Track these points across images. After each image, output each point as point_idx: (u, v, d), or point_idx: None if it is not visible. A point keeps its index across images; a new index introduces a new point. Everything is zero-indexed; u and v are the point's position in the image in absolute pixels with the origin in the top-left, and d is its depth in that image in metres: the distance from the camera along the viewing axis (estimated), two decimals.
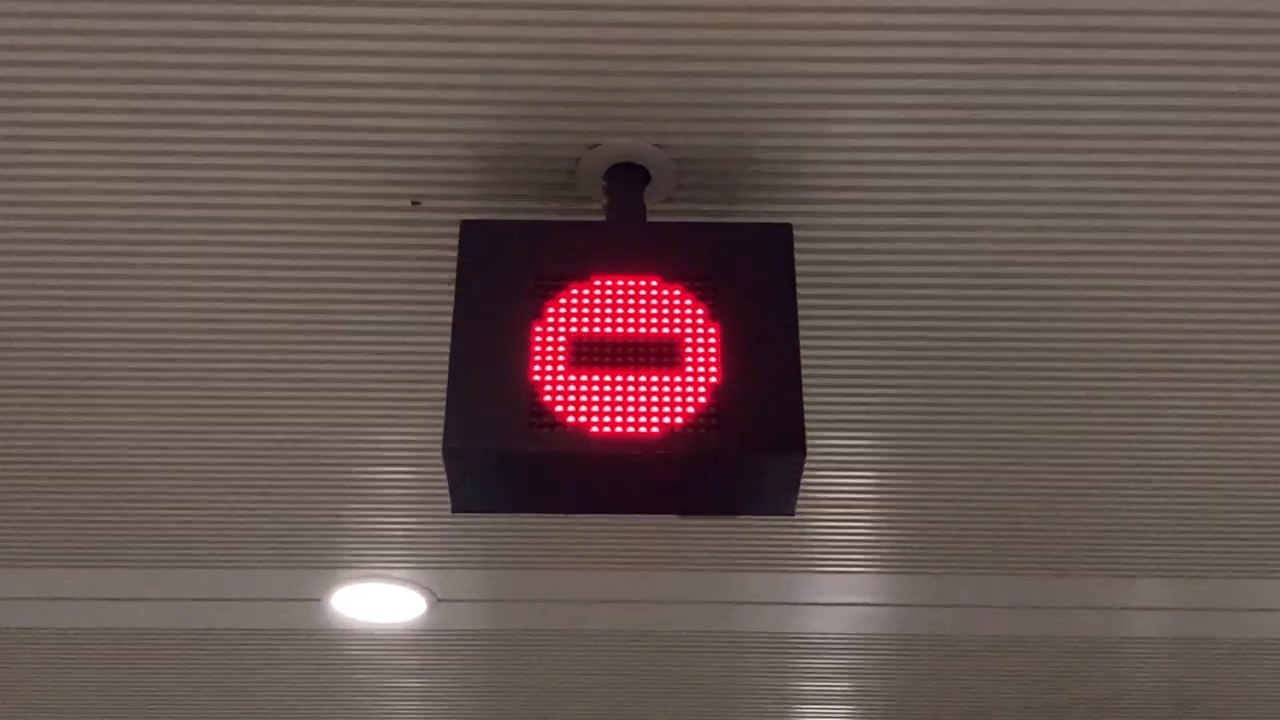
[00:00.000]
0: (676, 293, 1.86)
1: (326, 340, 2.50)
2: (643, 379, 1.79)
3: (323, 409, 2.71)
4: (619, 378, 1.79)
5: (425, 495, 3.02)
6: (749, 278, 1.87)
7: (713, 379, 1.79)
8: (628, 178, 2.06)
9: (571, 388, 1.78)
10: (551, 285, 1.85)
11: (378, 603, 3.55)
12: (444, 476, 1.80)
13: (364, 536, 3.24)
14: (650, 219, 2.08)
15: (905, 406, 2.69)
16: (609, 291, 1.86)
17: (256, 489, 3.00)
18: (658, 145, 2.04)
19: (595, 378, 1.79)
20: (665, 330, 1.83)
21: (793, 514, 1.87)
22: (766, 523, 3.14)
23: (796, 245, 1.96)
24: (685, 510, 1.98)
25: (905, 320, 2.44)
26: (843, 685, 4.03)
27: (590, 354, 1.81)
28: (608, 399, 1.77)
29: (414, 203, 2.16)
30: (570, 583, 3.48)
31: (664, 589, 3.51)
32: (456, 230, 1.95)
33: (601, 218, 2.07)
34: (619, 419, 1.75)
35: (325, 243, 2.26)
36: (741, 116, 2.00)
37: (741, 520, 3.11)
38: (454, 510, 1.86)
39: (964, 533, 3.16)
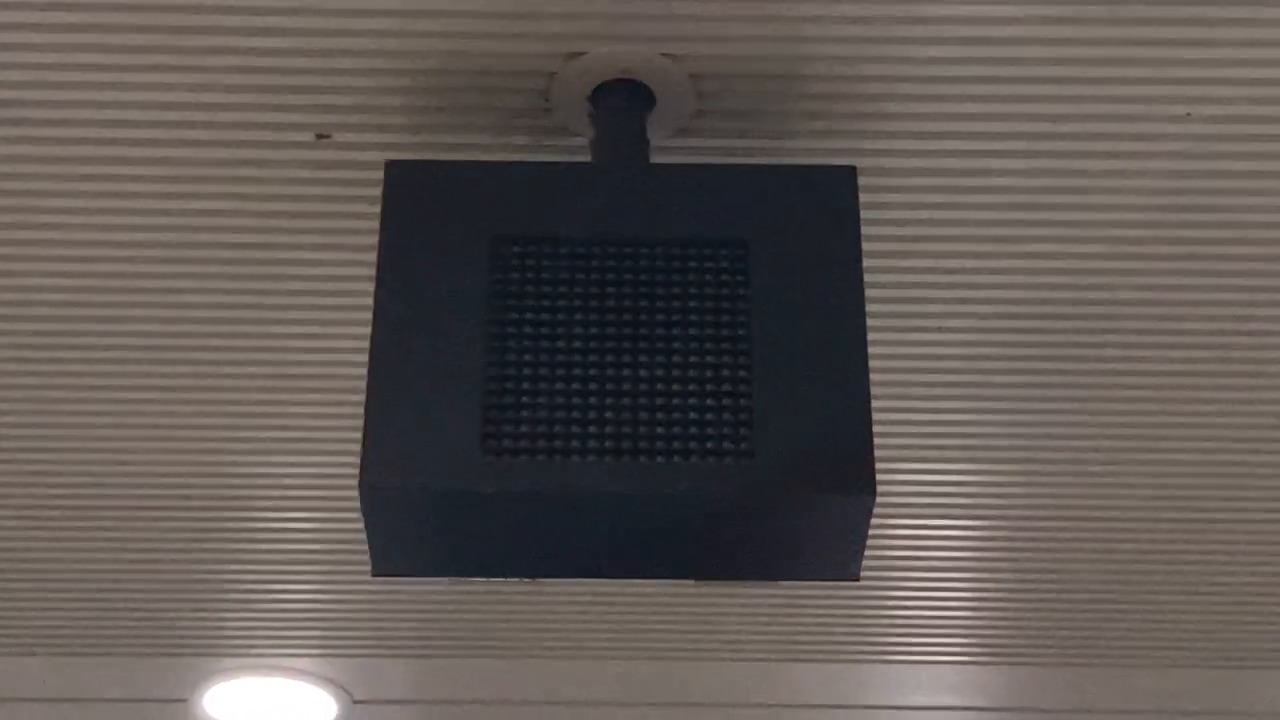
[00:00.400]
0: (692, 264, 1.85)
1: (198, 331, 2.50)
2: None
3: (189, 429, 2.70)
4: None
5: (335, 553, 3.02)
6: (794, 242, 1.87)
7: (743, 387, 1.77)
8: (624, 101, 2.06)
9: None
10: (516, 252, 1.85)
11: (270, 705, 3.55)
12: (361, 526, 1.79)
13: (248, 611, 3.25)
14: (655, 159, 2.08)
15: (1014, 429, 2.69)
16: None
17: (95, 543, 2.99)
18: (667, 55, 2.04)
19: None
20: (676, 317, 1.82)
21: (857, 579, 1.87)
22: (819, 592, 3.14)
23: (863, 197, 1.95)
24: (703, 574, 1.98)
25: (1016, 305, 2.44)
26: None
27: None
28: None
29: (319, 136, 2.17)
30: (539, 678, 3.48)
31: (672, 686, 3.51)
32: (380, 175, 1.94)
33: (587, 158, 2.07)
34: (611, 443, 1.74)
35: (194, 193, 2.25)
36: (789, 15, 1.98)
37: (784, 589, 3.11)
38: (375, 574, 1.86)
39: (1098, 607, 3.16)
